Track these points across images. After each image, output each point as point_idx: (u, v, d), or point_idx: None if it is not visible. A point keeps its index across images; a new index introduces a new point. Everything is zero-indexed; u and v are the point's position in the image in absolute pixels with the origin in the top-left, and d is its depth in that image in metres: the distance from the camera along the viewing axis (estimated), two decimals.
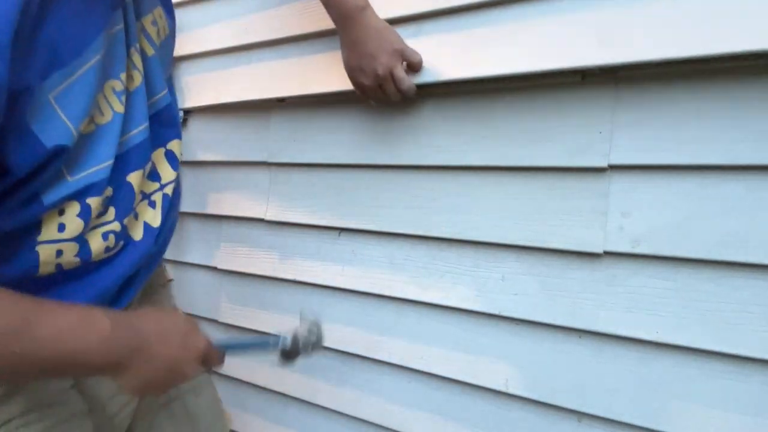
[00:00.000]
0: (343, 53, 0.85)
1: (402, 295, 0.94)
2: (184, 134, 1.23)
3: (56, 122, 0.51)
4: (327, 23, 0.90)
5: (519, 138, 0.81)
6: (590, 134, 0.75)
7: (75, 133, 0.53)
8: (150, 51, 0.68)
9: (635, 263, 0.73)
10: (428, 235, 0.90)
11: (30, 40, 0.47)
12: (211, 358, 0.67)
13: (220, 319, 1.21)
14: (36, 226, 0.54)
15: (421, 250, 0.92)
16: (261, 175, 1.13)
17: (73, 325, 0.53)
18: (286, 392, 1.12)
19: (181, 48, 1.18)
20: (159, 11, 0.71)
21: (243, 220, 1.16)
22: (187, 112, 1.25)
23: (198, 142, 1.23)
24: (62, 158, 0.53)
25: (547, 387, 0.81)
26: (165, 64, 0.74)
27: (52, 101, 0.51)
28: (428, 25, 0.84)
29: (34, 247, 0.55)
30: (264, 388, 1.16)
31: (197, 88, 1.20)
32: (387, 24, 0.82)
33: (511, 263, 0.83)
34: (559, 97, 0.77)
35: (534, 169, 0.80)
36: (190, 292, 1.27)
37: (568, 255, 0.78)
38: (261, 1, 1.04)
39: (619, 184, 0.74)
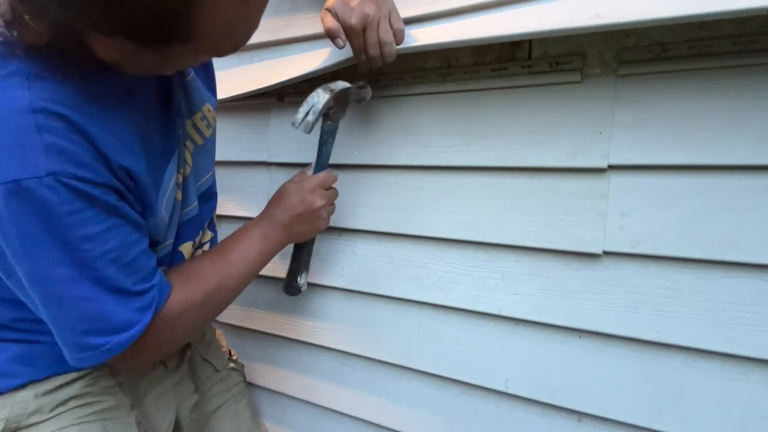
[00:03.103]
0: None
1: (402, 295, 0.94)
2: None
3: (162, 222, 0.69)
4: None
5: (519, 138, 0.81)
6: (590, 134, 0.75)
7: (167, 223, 0.71)
8: (200, 141, 0.80)
9: (635, 263, 0.73)
10: (428, 235, 0.90)
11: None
12: (324, 183, 0.87)
13: (220, 320, 1.21)
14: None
15: (421, 250, 0.92)
16: (261, 175, 1.13)
17: (247, 250, 0.79)
18: (286, 392, 1.12)
19: None
20: (207, 106, 0.81)
21: (243, 220, 1.16)
22: None
23: None
24: (153, 244, 0.70)
25: (547, 387, 0.81)
26: (213, 147, 0.86)
27: (164, 212, 0.69)
28: (429, 21, 0.84)
29: None
30: (264, 388, 1.16)
31: None
32: None
33: (511, 263, 0.83)
34: (559, 97, 0.77)
35: (534, 170, 0.80)
36: None
37: (568, 255, 0.78)
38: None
39: (619, 184, 0.74)
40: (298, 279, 0.97)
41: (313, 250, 0.97)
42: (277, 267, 1.08)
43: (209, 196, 0.87)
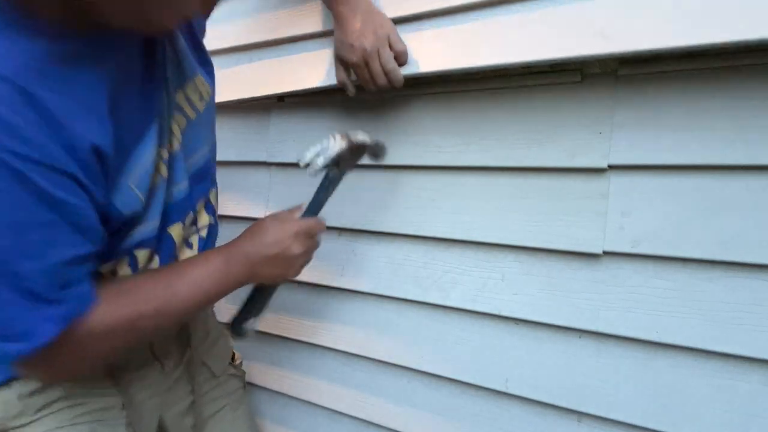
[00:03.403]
0: (335, 35, 0.85)
1: (402, 295, 0.94)
2: None
3: (134, 200, 0.62)
4: (326, 24, 0.91)
5: (519, 138, 0.81)
6: (590, 134, 0.75)
7: (144, 201, 0.63)
8: (192, 115, 0.74)
9: (635, 263, 0.73)
10: (428, 235, 0.90)
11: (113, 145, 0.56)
12: (309, 230, 0.76)
13: (220, 319, 1.21)
14: (96, 277, 0.62)
15: (421, 250, 0.92)
16: (261, 175, 1.13)
17: (200, 279, 0.68)
18: (287, 392, 1.12)
19: None
20: (200, 78, 0.76)
21: (243, 220, 1.16)
22: None
23: None
24: (130, 223, 0.63)
25: (547, 387, 0.81)
26: (209, 123, 0.80)
27: (133, 188, 0.61)
28: (429, 22, 0.84)
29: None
30: (264, 388, 1.16)
31: None
32: (379, 9, 0.83)
33: (511, 263, 0.83)
34: (559, 97, 0.77)
35: (534, 170, 0.80)
36: None
37: (568, 255, 0.78)
38: (261, 2, 1.04)
39: (619, 184, 0.74)
40: (247, 322, 0.83)
41: (271, 298, 0.85)
42: None
43: (203, 176, 0.79)
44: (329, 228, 1.01)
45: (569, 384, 0.79)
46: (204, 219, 0.81)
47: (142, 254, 0.68)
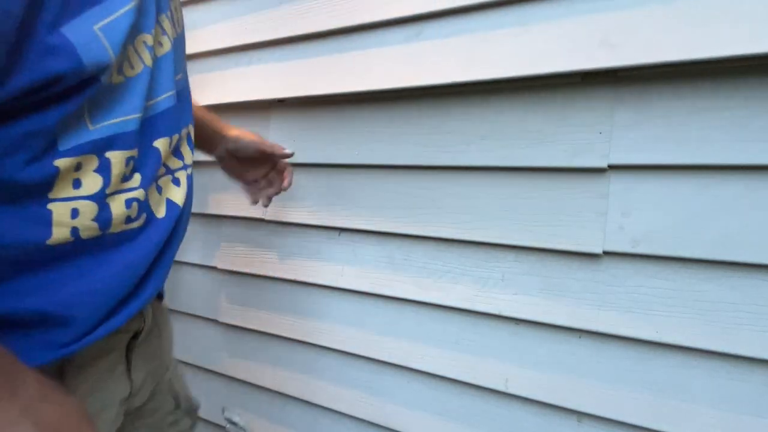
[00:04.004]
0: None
1: (402, 295, 0.94)
2: None
3: (98, 47, 0.48)
4: (328, 24, 0.91)
5: (519, 138, 0.81)
6: (590, 134, 0.75)
7: (113, 58, 0.49)
8: (179, 29, 0.67)
9: (635, 263, 0.73)
10: (428, 235, 0.90)
11: None
12: None
13: (220, 319, 1.21)
14: (49, 181, 0.49)
15: (421, 250, 0.92)
16: None
17: None
18: (286, 392, 1.12)
19: None
20: (176, 2, 0.67)
21: (243, 220, 1.16)
22: None
23: None
24: (93, 89, 0.49)
25: (547, 387, 0.81)
26: (182, 54, 0.70)
27: (97, 31, 0.48)
28: (429, 28, 0.84)
29: (46, 204, 0.49)
30: (264, 388, 1.16)
31: (197, 89, 1.20)
32: None
33: (511, 263, 0.83)
34: (559, 97, 0.77)
35: (534, 170, 0.80)
36: (190, 292, 1.27)
37: (568, 255, 0.78)
38: (261, 1, 1.04)
39: (619, 184, 0.74)
40: None
41: None
42: (280, 266, 1.08)
43: (186, 103, 0.70)
44: (329, 228, 1.01)
45: (569, 384, 0.79)
46: (189, 155, 0.70)
47: (117, 159, 0.54)
